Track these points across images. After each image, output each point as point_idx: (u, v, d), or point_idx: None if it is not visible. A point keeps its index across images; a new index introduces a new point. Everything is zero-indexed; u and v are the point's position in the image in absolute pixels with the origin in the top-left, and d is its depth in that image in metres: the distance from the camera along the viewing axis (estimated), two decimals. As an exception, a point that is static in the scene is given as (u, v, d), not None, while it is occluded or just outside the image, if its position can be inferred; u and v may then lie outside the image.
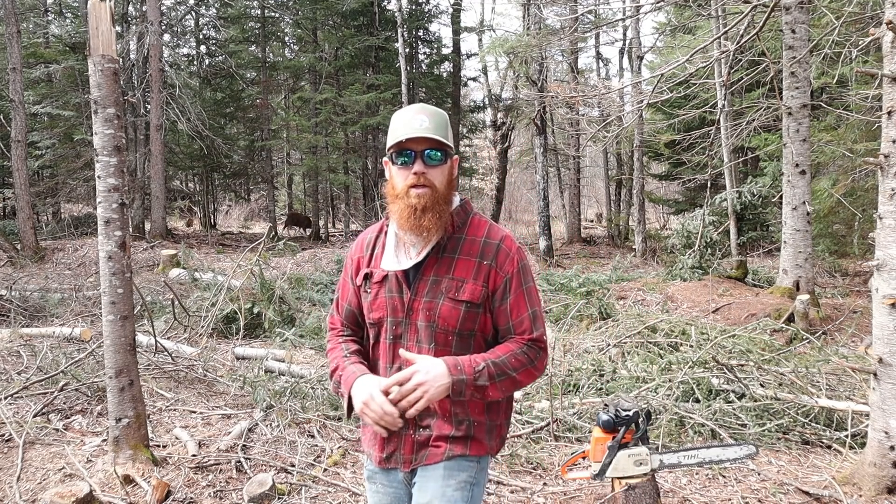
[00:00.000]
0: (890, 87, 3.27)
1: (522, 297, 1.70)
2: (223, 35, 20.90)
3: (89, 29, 3.34)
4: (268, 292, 7.48)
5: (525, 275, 1.72)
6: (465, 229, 1.73)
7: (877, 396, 3.31)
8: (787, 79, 7.80)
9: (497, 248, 1.70)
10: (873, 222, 3.49)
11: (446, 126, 1.69)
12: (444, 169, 1.68)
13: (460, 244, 1.71)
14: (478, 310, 1.68)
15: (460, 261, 1.69)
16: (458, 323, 1.66)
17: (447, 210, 1.67)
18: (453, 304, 1.66)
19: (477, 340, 1.72)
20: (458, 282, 1.67)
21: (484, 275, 1.68)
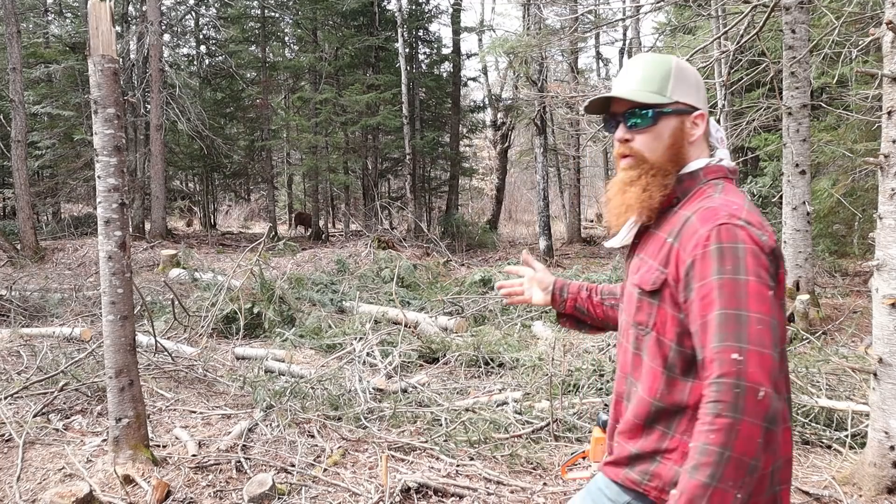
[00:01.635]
0: (890, 87, 3.27)
1: (711, 291, 1.18)
2: (223, 35, 20.90)
3: (89, 29, 3.34)
4: (268, 292, 7.48)
5: (721, 261, 1.18)
6: (684, 202, 1.36)
7: (877, 396, 3.31)
8: (787, 79, 7.80)
9: (686, 221, 1.28)
10: (873, 222, 3.49)
11: (666, 77, 1.35)
12: (659, 132, 1.35)
13: (667, 219, 1.36)
14: (652, 300, 1.31)
15: (656, 237, 1.37)
16: (633, 314, 1.37)
17: (661, 184, 1.34)
18: (632, 289, 1.38)
19: (651, 343, 1.32)
20: (643, 262, 1.37)
21: (664, 255, 1.30)
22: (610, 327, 1.76)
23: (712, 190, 1.33)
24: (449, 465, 3.65)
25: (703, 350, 1.19)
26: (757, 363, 1.13)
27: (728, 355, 1.14)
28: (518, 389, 4.91)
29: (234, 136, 22.23)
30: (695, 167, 1.37)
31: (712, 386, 1.14)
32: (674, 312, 1.27)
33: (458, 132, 21.65)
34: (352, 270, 10.73)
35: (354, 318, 7.35)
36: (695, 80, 1.39)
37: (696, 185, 1.36)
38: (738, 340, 1.14)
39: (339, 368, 5.26)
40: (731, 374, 1.13)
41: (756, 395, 1.11)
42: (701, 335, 1.19)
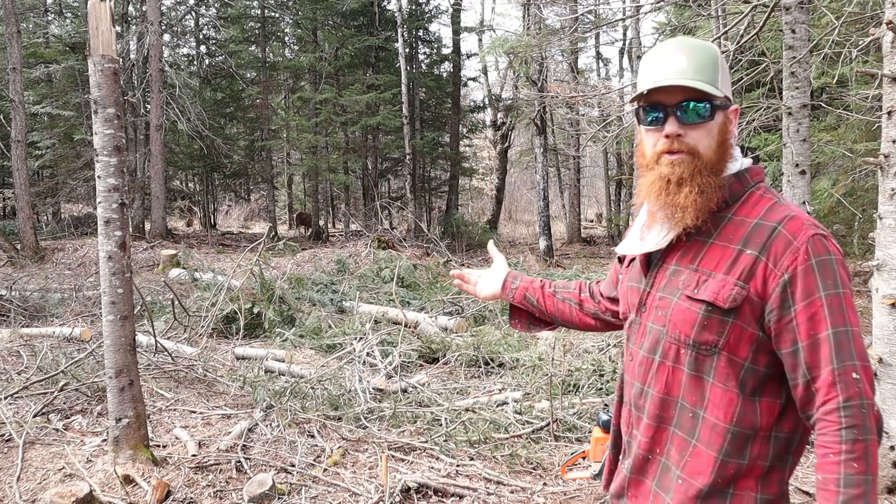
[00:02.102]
0: (890, 87, 3.27)
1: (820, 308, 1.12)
2: (223, 35, 20.90)
3: (89, 29, 3.34)
4: (268, 292, 7.48)
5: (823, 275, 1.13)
6: (736, 207, 1.25)
7: (877, 396, 3.31)
8: (787, 79, 7.80)
9: (772, 232, 1.17)
10: (873, 222, 3.49)
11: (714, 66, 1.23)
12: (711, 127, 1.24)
13: (721, 226, 1.23)
14: (726, 318, 1.18)
15: (714, 247, 1.22)
16: (694, 332, 1.21)
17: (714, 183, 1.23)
18: (689, 304, 1.21)
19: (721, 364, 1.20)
20: (701, 274, 1.21)
21: (744, 269, 1.17)
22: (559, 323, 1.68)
23: (770, 195, 1.25)
24: (449, 465, 3.65)
25: (815, 370, 1.12)
26: (868, 379, 1.12)
27: (850, 375, 1.11)
28: (518, 389, 4.91)
29: (234, 136, 22.24)
30: (737, 168, 1.27)
31: (841, 411, 1.10)
32: (752, 329, 1.18)
33: (458, 132, 21.65)
34: (352, 270, 10.73)
35: (354, 318, 7.35)
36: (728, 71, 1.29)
37: (745, 189, 1.26)
38: (853, 358, 1.11)
39: (339, 368, 5.26)
40: (856, 395, 1.10)
41: (873, 410, 1.11)
42: (809, 355, 1.13)
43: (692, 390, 1.24)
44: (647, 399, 1.30)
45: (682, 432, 1.25)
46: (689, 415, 1.24)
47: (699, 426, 1.23)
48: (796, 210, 1.21)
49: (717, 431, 1.21)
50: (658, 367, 1.27)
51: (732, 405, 1.20)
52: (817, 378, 1.13)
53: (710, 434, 1.22)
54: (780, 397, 1.23)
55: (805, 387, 1.15)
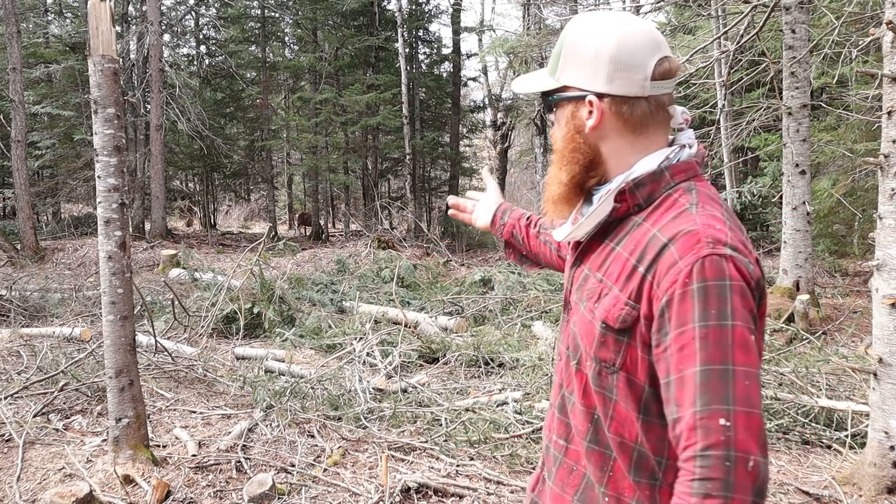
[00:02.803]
0: (890, 87, 3.27)
1: (691, 341, 0.95)
2: (223, 35, 20.90)
3: (89, 29, 3.34)
4: (268, 292, 7.48)
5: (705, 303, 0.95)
6: (650, 210, 1.09)
7: (877, 396, 3.31)
8: (787, 79, 7.80)
9: (662, 248, 1.01)
10: (873, 222, 3.49)
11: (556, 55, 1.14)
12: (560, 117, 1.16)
13: (630, 232, 1.10)
14: (621, 338, 1.05)
15: (618, 256, 1.09)
16: (594, 347, 1.09)
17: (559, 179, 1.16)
18: (591, 316, 1.10)
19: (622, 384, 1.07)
20: (604, 286, 1.10)
21: (634, 288, 1.04)
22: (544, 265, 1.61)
23: (686, 199, 1.07)
24: (449, 465, 3.65)
25: (680, 410, 0.96)
26: (745, 427, 0.92)
27: (715, 421, 0.92)
28: (518, 389, 4.91)
29: (234, 136, 22.24)
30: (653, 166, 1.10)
31: (697, 460, 0.93)
32: (644, 355, 1.04)
33: (458, 132, 21.65)
34: (352, 270, 10.73)
35: (354, 318, 7.35)
36: (594, 53, 1.08)
37: (662, 190, 1.09)
38: (725, 402, 0.93)
39: (339, 368, 5.26)
40: (720, 445, 0.92)
41: (746, 465, 0.91)
42: (677, 392, 0.97)
43: (600, 404, 1.12)
44: (571, 406, 1.19)
45: (600, 447, 1.13)
46: (602, 429, 1.13)
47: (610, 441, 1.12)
48: (704, 220, 1.01)
49: (625, 450, 1.10)
50: (576, 373, 1.15)
51: (634, 427, 1.08)
52: (681, 419, 0.96)
53: (619, 451, 1.11)
54: None
55: (673, 426, 0.98)
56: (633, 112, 1.09)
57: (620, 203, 1.10)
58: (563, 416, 1.21)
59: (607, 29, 1.08)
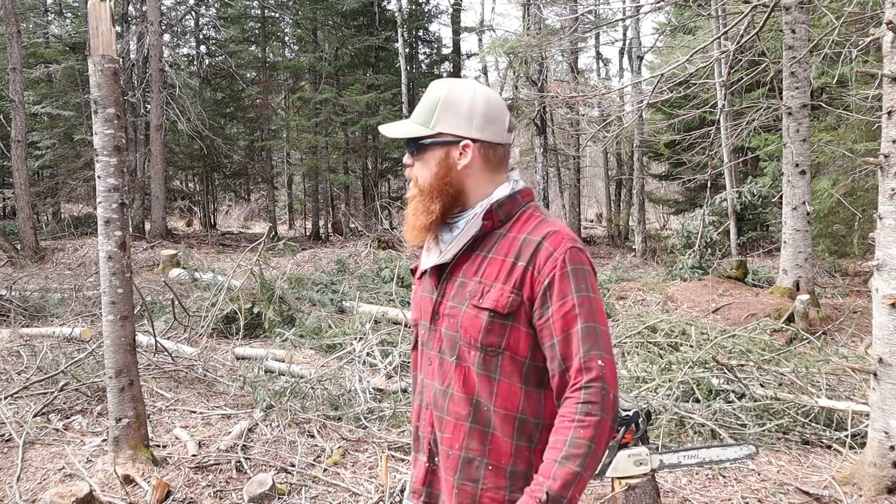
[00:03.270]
0: (890, 87, 3.27)
1: (571, 313, 1.31)
2: (223, 35, 20.90)
3: (89, 29, 3.34)
4: (268, 292, 7.48)
5: (576, 277, 1.33)
6: (509, 224, 1.42)
7: (877, 396, 3.31)
8: (787, 79, 7.80)
9: (537, 246, 1.36)
10: (873, 222, 3.49)
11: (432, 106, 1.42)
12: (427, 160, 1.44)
13: (498, 242, 1.41)
14: (505, 322, 1.35)
15: (493, 261, 1.40)
16: (481, 335, 1.36)
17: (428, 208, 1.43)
18: (476, 311, 1.37)
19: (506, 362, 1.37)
20: (484, 286, 1.38)
21: (516, 279, 1.35)
22: None
23: (538, 213, 1.44)
24: (449, 465, 3.65)
25: (568, 359, 1.30)
26: (611, 369, 1.31)
27: (594, 362, 1.29)
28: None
29: (234, 136, 22.23)
30: (507, 192, 1.44)
31: (582, 390, 1.28)
32: (527, 330, 1.36)
33: (458, 132, 21.59)
34: (352, 270, 10.73)
35: (354, 317, 7.35)
36: (468, 109, 1.41)
37: (518, 209, 1.44)
38: (599, 349, 1.30)
39: (339, 368, 5.26)
40: (598, 379, 1.28)
41: (612, 396, 1.29)
42: (563, 346, 1.31)
43: (484, 387, 1.38)
44: (449, 399, 1.42)
45: (480, 425, 1.39)
46: (483, 409, 1.39)
47: (493, 417, 1.38)
48: (559, 226, 1.40)
49: (508, 421, 1.37)
50: (456, 368, 1.41)
51: (517, 397, 1.38)
52: (570, 368, 1.30)
53: (502, 423, 1.38)
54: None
55: (560, 375, 1.32)
56: (495, 154, 1.46)
57: (487, 220, 1.42)
58: (439, 411, 1.44)
59: (476, 92, 1.43)
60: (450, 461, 1.42)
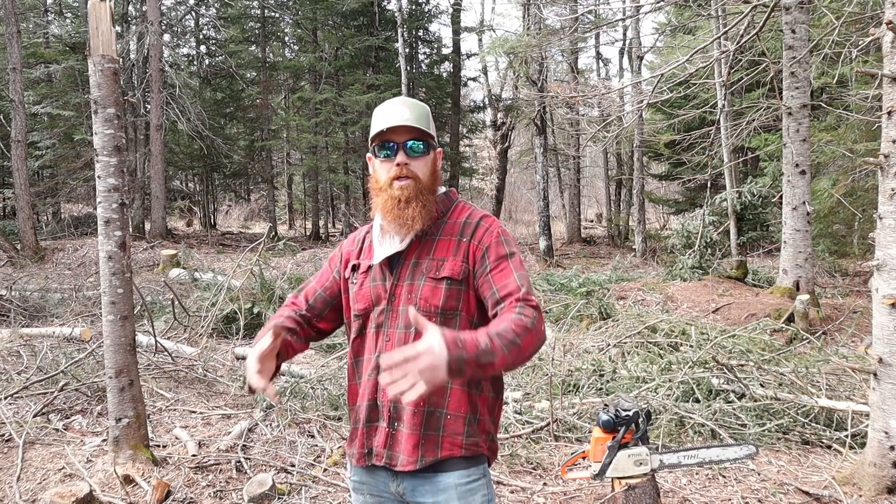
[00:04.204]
0: (890, 87, 3.27)
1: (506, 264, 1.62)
2: (223, 35, 20.91)
3: (89, 29, 3.34)
4: (268, 292, 7.48)
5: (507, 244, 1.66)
6: (448, 215, 1.73)
7: (877, 396, 3.31)
8: (787, 79, 7.80)
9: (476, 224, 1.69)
10: (873, 222, 3.49)
11: (428, 117, 1.69)
12: (427, 160, 1.69)
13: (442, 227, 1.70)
14: (460, 287, 1.63)
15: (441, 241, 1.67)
16: (441, 301, 1.62)
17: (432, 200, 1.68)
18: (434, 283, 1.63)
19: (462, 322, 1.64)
20: (437, 261, 1.65)
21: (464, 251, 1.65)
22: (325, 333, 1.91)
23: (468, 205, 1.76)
24: (449, 465, 3.65)
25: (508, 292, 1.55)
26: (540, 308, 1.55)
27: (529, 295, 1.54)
28: (518, 389, 4.91)
29: (234, 136, 22.23)
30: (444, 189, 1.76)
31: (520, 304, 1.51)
32: (471, 292, 1.64)
33: (458, 132, 21.66)
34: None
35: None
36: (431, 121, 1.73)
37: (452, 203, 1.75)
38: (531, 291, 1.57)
39: (339, 368, 5.26)
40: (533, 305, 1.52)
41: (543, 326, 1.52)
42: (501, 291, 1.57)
43: None
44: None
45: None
46: None
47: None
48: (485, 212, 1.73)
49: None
50: (414, 336, 1.60)
51: None
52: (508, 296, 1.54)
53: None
54: None
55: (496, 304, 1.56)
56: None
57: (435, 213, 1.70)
58: None
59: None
60: (415, 417, 1.60)
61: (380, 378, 1.51)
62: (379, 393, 1.65)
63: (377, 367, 1.63)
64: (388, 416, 1.64)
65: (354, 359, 1.75)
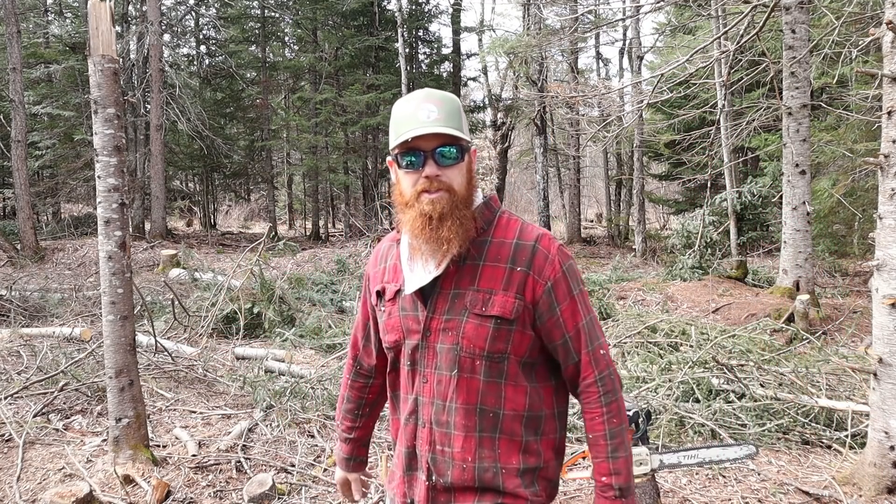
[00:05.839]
0: (890, 87, 3.27)
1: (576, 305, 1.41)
2: (223, 35, 20.91)
3: (89, 29, 3.34)
4: (268, 292, 7.48)
5: (572, 276, 1.42)
6: (492, 230, 1.43)
7: (877, 396, 3.31)
8: (787, 79, 7.80)
9: (533, 250, 1.40)
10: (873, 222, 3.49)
11: (459, 113, 1.39)
12: (462, 167, 1.39)
13: (486, 249, 1.41)
14: (510, 327, 1.38)
15: (486, 268, 1.39)
16: (487, 343, 1.37)
17: (469, 214, 1.39)
18: (479, 321, 1.37)
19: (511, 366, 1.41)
20: (484, 294, 1.38)
21: (517, 284, 1.38)
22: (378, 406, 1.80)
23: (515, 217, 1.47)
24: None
25: (579, 353, 1.42)
26: (608, 352, 1.46)
27: (598, 353, 1.43)
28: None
29: (234, 136, 22.23)
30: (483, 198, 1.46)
31: (598, 382, 1.41)
32: (528, 332, 1.41)
33: (458, 132, 21.56)
34: (352, 270, 10.73)
35: (354, 317, 7.34)
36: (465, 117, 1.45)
37: (494, 214, 1.46)
38: (598, 338, 1.44)
39: (339, 368, 5.26)
40: (605, 367, 1.42)
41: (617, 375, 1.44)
42: (575, 342, 1.42)
43: (490, 394, 1.41)
44: (452, 413, 1.42)
45: (487, 433, 1.42)
46: (489, 415, 1.41)
47: (500, 422, 1.42)
48: (540, 228, 1.46)
49: (517, 420, 1.43)
50: (457, 382, 1.40)
51: (523, 397, 1.43)
52: (581, 361, 1.42)
53: (510, 424, 1.42)
54: (552, 380, 1.49)
55: (574, 367, 1.43)
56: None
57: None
58: (443, 427, 1.43)
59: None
60: (466, 474, 1.41)
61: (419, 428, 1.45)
62: (418, 441, 1.47)
63: (414, 412, 1.47)
64: (427, 467, 1.45)
65: (391, 392, 1.58)
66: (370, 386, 1.72)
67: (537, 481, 1.45)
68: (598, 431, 1.41)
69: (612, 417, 1.41)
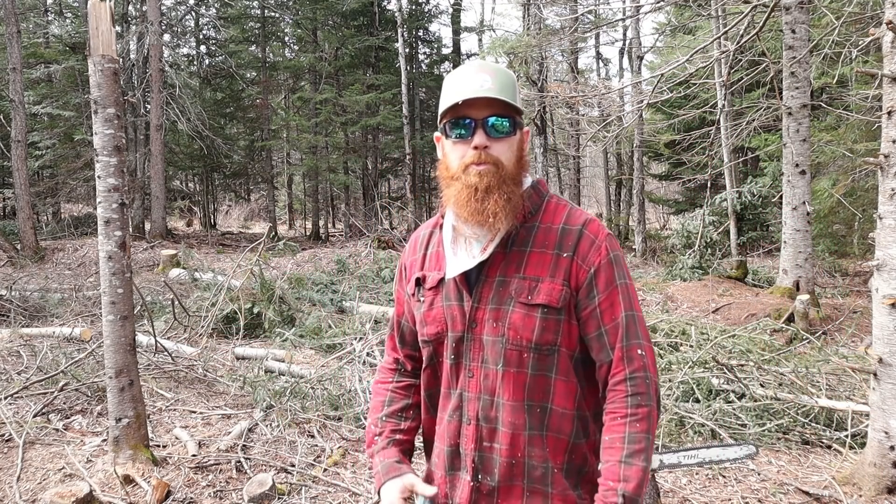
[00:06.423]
0: (890, 87, 3.27)
1: (616, 296, 1.30)
2: (223, 35, 20.91)
3: (89, 29, 3.34)
4: (268, 292, 7.48)
5: (618, 265, 1.32)
6: (539, 216, 1.36)
7: (877, 396, 3.31)
8: (787, 79, 7.80)
9: (579, 234, 1.32)
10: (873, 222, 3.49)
11: (514, 87, 1.31)
12: (513, 142, 1.33)
13: (533, 234, 1.34)
14: (559, 316, 1.30)
15: (533, 254, 1.32)
16: (535, 335, 1.29)
17: (517, 192, 1.31)
18: (526, 310, 1.29)
19: (562, 359, 1.32)
20: (531, 281, 1.30)
21: (564, 271, 1.30)
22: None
23: (563, 202, 1.40)
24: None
25: (612, 350, 1.30)
26: (651, 356, 1.31)
27: (635, 352, 1.29)
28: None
29: (234, 136, 22.23)
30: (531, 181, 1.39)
31: (628, 381, 1.28)
32: (573, 322, 1.32)
33: (458, 132, 21.57)
34: (352, 270, 10.73)
35: (354, 317, 7.35)
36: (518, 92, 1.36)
37: (542, 199, 1.39)
38: (638, 338, 1.30)
39: (339, 368, 5.26)
40: (640, 368, 1.28)
41: (656, 384, 1.30)
42: (611, 336, 1.30)
43: (538, 389, 1.32)
44: (500, 409, 1.34)
45: (536, 430, 1.33)
46: (537, 411, 1.33)
47: (548, 419, 1.33)
48: (588, 214, 1.37)
49: (566, 419, 1.33)
50: (503, 376, 1.32)
51: (574, 394, 1.34)
52: (613, 356, 1.30)
53: (559, 422, 1.33)
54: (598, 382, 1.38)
55: (607, 366, 1.31)
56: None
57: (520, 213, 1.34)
58: (488, 423, 1.35)
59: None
60: (515, 470, 1.34)
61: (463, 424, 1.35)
62: (462, 439, 1.38)
63: (459, 407, 1.37)
64: (472, 466, 1.36)
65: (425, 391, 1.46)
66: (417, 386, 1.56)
67: (582, 484, 1.36)
68: (616, 433, 1.26)
69: (637, 421, 1.25)
